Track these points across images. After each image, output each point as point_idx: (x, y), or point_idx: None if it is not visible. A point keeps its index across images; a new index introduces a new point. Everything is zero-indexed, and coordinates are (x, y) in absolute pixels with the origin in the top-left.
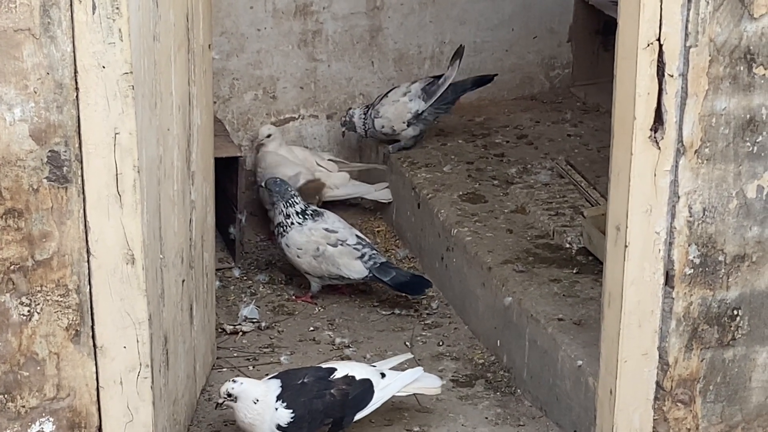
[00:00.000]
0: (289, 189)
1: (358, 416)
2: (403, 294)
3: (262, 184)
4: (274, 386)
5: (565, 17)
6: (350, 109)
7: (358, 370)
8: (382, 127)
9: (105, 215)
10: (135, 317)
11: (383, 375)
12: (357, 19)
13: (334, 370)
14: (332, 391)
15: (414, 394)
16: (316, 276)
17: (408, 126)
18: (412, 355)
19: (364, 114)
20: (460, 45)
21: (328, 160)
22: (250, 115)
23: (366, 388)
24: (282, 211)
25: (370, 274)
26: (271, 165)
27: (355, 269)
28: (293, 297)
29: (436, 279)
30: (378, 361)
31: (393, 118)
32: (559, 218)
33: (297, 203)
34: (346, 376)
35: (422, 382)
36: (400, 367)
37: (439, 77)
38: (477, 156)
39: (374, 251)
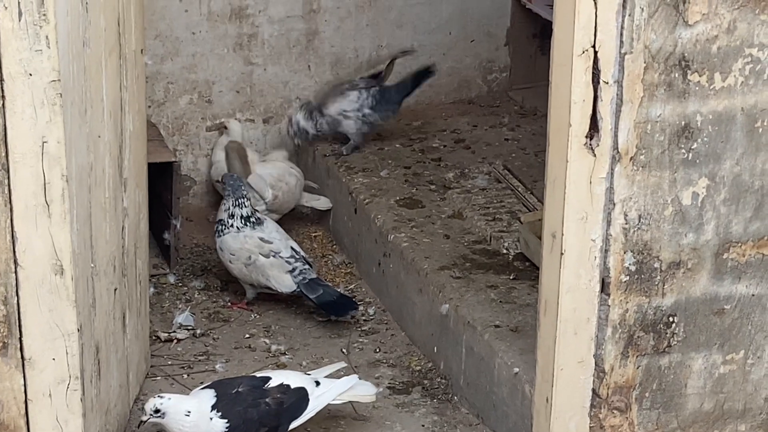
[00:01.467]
0: (242, 188)
1: (293, 425)
2: (327, 314)
3: (219, 178)
4: (209, 396)
5: (502, 21)
6: (290, 118)
7: (292, 379)
8: (329, 122)
9: (33, 225)
10: (64, 329)
11: (318, 383)
12: (293, 22)
13: (268, 378)
14: (267, 400)
15: (350, 401)
16: (246, 283)
17: (346, 119)
18: (346, 364)
19: (308, 115)
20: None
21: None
22: (186, 120)
23: (301, 397)
24: (228, 208)
25: (298, 289)
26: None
27: (284, 283)
28: (229, 303)
29: (373, 285)
30: (313, 369)
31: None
32: (497, 223)
33: (245, 206)
34: (281, 385)
35: (357, 389)
36: (335, 375)
37: (375, 76)
38: (414, 160)
39: (306, 266)
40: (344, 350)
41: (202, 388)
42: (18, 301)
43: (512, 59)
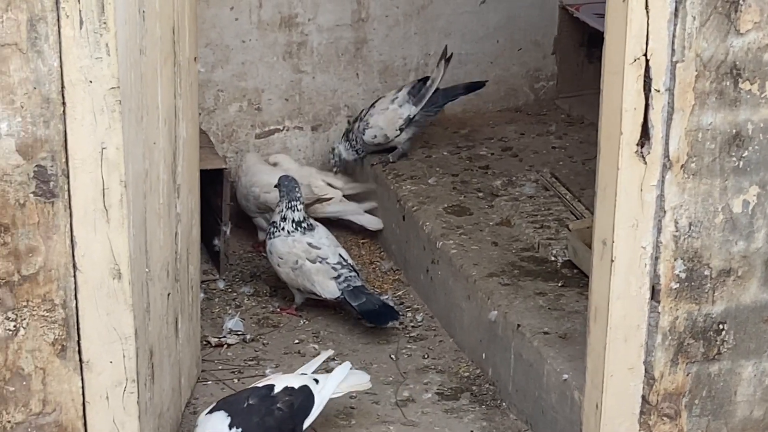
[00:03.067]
0: (297, 191)
1: (306, 424)
2: (368, 322)
3: (276, 182)
4: (220, 418)
5: (549, 29)
6: (333, 149)
7: (293, 381)
8: (374, 137)
9: (92, 230)
10: (121, 332)
11: (317, 381)
12: (342, 31)
13: (272, 386)
14: (279, 405)
15: (348, 393)
16: (293, 287)
17: (401, 132)
18: (333, 351)
19: (347, 140)
20: (446, 46)
21: (323, 179)
22: (235, 127)
23: (306, 395)
24: (282, 210)
25: (342, 296)
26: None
27: (328, 289)
28: (278, 309)
29: (421, 292)
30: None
31: (385, 126)
32: (544, 231)
33: (298, 209)
34: (286, 388)
35: (351, 380)
36: (325, 366)
37: (424, 80)
38: (462, 168)
39: (353, 273)
40: (393, 356)
41: (208, 412)
42: (77, 304)
43: (559, 68)
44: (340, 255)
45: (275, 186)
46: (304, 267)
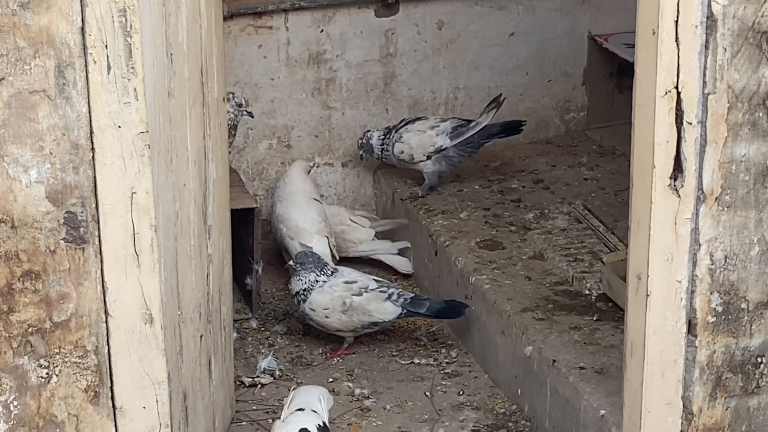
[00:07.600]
0: (321, 260)
1: None
2: (444, 319)
3: (290, 262)
4: None
5: (579, 60)
6: (368, 130)
7: (310, 419)
8: (401, 152)
9: (123, 275)
10: (154, 377)
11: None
12: (370, 66)
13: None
14: None
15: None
16: (348, 331)
17: (427, 159)
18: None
19: (383, 136)
20: (500, 94)
21: (359, 215)
22: (265, 165)
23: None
24: (313, 279)
25: (404, 311)
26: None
27: (388, 310)
28: (328, 353)
29: (455, 327)
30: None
31: (415, 147)
32: (578, 264)
33: (328, 267)
34: (319, 426)
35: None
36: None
37: (470, 121)
38: (494, 202)
39: (399, 289)
40: (427, 393)
41: None
42: (109, 350)
43: (589, 98)
44: (375, 280)
45: (289, 265)
46: (354, 303)
